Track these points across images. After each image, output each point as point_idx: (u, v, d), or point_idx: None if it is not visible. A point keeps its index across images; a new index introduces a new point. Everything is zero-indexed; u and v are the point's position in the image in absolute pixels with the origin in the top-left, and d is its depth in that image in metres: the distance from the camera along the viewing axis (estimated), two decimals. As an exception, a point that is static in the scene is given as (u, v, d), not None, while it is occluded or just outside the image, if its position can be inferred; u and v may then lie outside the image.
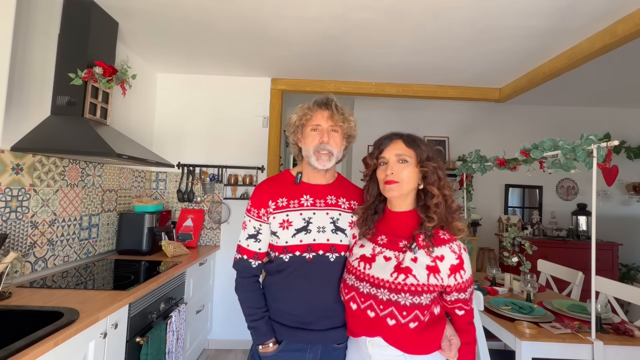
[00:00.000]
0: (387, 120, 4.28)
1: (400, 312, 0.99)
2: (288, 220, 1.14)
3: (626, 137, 4.17)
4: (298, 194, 1.18)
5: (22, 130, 1.68)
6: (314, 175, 1.21)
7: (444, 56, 2.57)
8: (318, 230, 1.14)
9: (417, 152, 1.06)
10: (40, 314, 1.33)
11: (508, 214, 4.18)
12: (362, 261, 1.08)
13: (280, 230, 1.14)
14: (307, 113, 1.17)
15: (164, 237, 2.60)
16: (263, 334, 1.13)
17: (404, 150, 1.07)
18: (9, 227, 1.66)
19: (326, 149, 1.15)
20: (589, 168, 1.63)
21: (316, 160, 1.15)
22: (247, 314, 1.16)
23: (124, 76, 2.00)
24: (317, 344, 1.13)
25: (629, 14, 1.88)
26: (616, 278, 3.67)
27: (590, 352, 1.55)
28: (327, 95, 1.20)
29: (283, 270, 1.15)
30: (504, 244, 2.60)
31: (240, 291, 1.19)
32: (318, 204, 1.17)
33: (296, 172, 1.23)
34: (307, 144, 1.17)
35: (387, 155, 1.08)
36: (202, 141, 3.14)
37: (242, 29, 2.23)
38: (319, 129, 1.16)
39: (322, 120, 1.16)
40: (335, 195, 1.21)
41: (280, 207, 1.16)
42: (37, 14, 1.75)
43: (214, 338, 3.01)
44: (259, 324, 1.14)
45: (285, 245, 1.14)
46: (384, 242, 1.09)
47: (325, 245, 1.14)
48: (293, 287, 1.14)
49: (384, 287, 1.01)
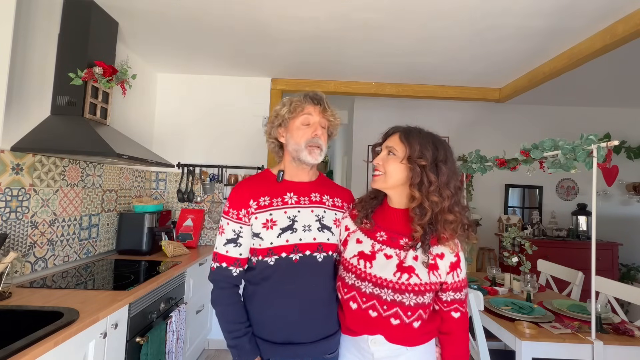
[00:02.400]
0: (387, 120, 4.21)
1: (405, 312, 0.99)
2: (272, 220, 1.07)
3: (626, 137, 4.17)
4: (281, 192, 1.12)
5: (22, 130, 1.68)
6: (297, 172, 1.15)
7: (444, 56, 2.57)
8: (304, 229, 1.08)
9: (407, 147, 1.01)
10: (40, 314, 1.33)
11: (508, 214, 4.18)
12: (361, 259, 1.04)
13: (264, 231, 1.06)
14: (298, 106, 1.11)
15: (164, 237, 2.60)
16: (247, 352, 1.02)
17: (395, 144, 1.04)
18: (9, 227, 1.66)
19: (318, 143, 1.11)
20: (589, 168, 1.62)
21: (308, 154, 1.10)
22: (228, 331, 1.04)
23: (124, 76, 2.00)
24: (307, 359, 1.06)
25: (629, 14, 1.88)
26: (616, 278, 3.67)
27: (590, 352, 1.55)
28: (315, 92, 1.16)
29: (269, 276, 1.06)
30: (504, 244, 2.60)
31: (219, 305, 1.07)
32: (302, 202, 1.11)
33: (277, 170, 1.17)
34: (297, 138, 1.10)
35: (383, 147, 1.09)
36: (202, 141, 3.14)
37: (242, 29, 2.23)
38: (310, 122, 1.11)
39: (314, 114, 1.12)
40: (319, 192, 1.16)
41: (262, 206, 1.08)
42: (37, 14, 1.75)
43: (214, 338, 3.01)
44: (242, 341, 1.02)
45: (270, 247, 1.05)
46: (384, 239, 1.05)
47: (312, 245, 1.08)
48: (280, 293, 1.05)
49: (388, 287, 0.99)
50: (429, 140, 1.02)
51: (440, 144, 1.04)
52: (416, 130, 1.05)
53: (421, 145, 1.00)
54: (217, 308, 1.08)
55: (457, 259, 1.03)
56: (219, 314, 1.07)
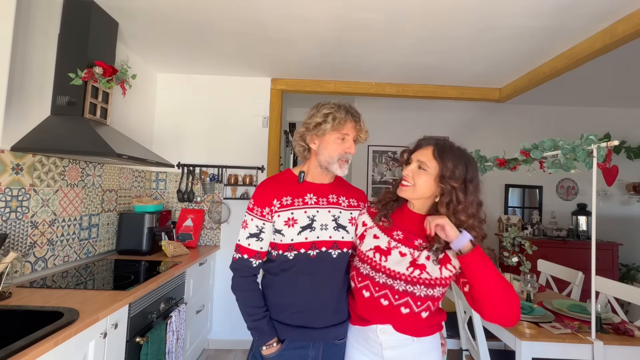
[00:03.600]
0: (387, 120, 4.28)
1: (415, 302, 1.06)
2: (293, 218, 1.16)
3: (626, 137, 4.17)
4: (302, 193, 1.20)
5: (22, 130, 1.68)
6: (319, 176, 1.24)
7: (444, 56, 2.57)
8: (321, 227, 1.17)
9: (441, 166, 1.03)
10: (40, 314, 1.33)
11: (508, 214, 4.18)
12: (377, 252, 1.12)
13: (286, 228, 1.16)
14: (341, 123, 1.16)
15: (164, 237, 2.60)
16: (266, 333, 1.13)
17: (427, 159, 1.06)
18: (9, 227, 1.66)
19: (348, 158, 1.20)
20: (589, 168, 1.62)
21: (339, 167, 1.19)
22: (248, 314, 1.15)
23: (124, 76, 2.00)
24: (319, 342, 1.15)
25: (629, 14, 1.88)
26: (616, 278, 3.67)
27: (590, 352, 1.55)
28: (350, 105, 1.20)
29: (288, 269, 1.16)
30: (504, 244, 2.60)
31: (240, 290, 1.18)
32: (321, 202, 1.20)
33: (298, 172, 1.24)
34: (331, 151, 1.17)
35: (413, 157, 1.11)
36: (202, 141, 3.14)
37: (242, 29, 2.23)
38: (346, 138, 1.18)
39: (351, 130, 1.18)
40: (336, 194, 1.25)
41: (285, 205, 1.17)
42: (37, 14, 1.75)
43: (214, 338, 3.01)
44: (261, 323, 1.13)
45: (290, 243, 1.15)
46: (400, 237, 1.12)
47: (328, 243, 1.17)
48: (296, 284, 1.15)
49: (400, 279, 1.06)
50: (462, 161, 1.05)
51: (470, 163, 1.06)
52: (449, 148, 1.07)
53: (454, 165, 1.03)
54: (238, 294, 1.18)
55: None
56: (240, 299, 1.17)
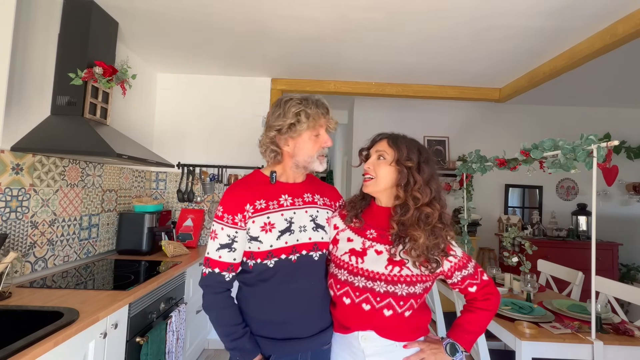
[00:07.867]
0: (388, 121, 4.28)
1: (397, 302, 1.03)
2: (270, 223, 1.07)
3: (626, 137, 4.17)
4: (276, 195, 1.12)
5: (22, 130, 1.68)
6: (294, 175, 1.17)
7: (444, 56, 2.57)
8: (300, 229, 1.10)
9: (396, 151, 1.08)
10: (40, 314, 1.33)
11: (508, 214, 4.18)
12: (352, 255, 1.09)
13: (263, 235, 1.06)
14: (315, 117, 1.10)
15: (164, 237, 2.60)
16: (248, 351, 1.02)
17: (384, 148, 1.10)
18: (9, 227, 1.66)
19: (326, 152, 1.17)
20: (589, 168, 1.62)
21: (320, 164, 1.14)
22: (225, 334, 1.03)
23: (124, 76, 2.00)
24: (308, 351, 1.08)
25: (629, 14, 1.88)
26: (616, 278, 3.67)
27: (590, 352, 1.55)
28: (322, 99, 1.15)
29: (268, 278, 1.06)
30: (504, 244, 2.60)
31: (214, 309, 1.06)
32: (297, 203, 1.13)
33: (269, 172, 1.15)
34: (309, 150, 1.11)
35: (372, 152, 1.14)
36: (202, 141, 3.14)
37: (242, 29, 2.23)
38: (321, 132, 1.12)
39: (323, 124, 1.13)
40: (310, 192, 1.18)
41: (259, 209, 1.07)
42: (37, 14, 1.75)
43: (214, 338, 3.01)
44: (241, 342, 1.02)
45: (269, 250, 1.06)
46: (374, 236, 1.10)
47: (309, 245, 1.11)
48: (279, 294, 1.07)
49: (380, 279, 1.04)
50: (414, 144, 1.12)
51: (422, 147, 1.13)
52: (401, 136, 1.14)
53: (408, 148, 1.09)
54: (211, 313, 1.07)
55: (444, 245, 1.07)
56: (215, 319, 1.06)
